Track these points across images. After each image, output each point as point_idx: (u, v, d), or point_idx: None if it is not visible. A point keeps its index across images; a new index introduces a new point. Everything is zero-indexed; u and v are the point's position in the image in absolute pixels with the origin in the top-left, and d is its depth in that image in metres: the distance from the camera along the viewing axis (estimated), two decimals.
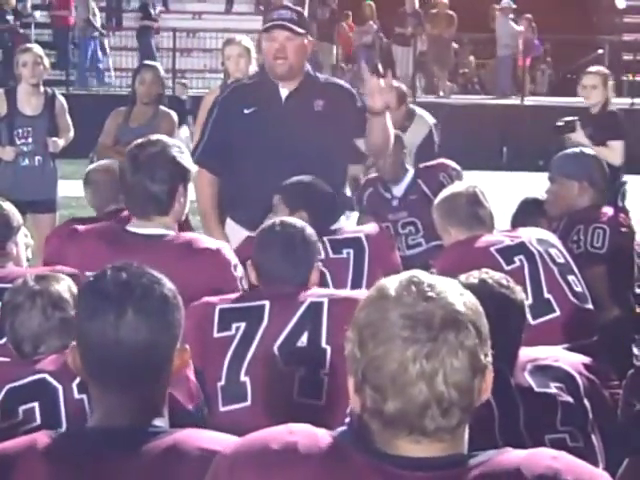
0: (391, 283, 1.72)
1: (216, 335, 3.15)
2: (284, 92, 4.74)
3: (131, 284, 2.02)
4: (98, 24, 19.52)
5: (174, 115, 7.14)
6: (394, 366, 1.66)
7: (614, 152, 7.00)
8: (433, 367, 1.65)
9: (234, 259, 3.46)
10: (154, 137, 3.54)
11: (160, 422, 2.03)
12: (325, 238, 3.87)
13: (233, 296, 3.28)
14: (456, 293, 1.71)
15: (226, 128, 4.74)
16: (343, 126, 4.62)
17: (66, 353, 2.25)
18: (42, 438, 1.99)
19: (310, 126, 4.58)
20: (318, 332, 3.10)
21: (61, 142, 7.33)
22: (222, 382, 3.11)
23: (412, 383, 1.66)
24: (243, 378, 3.10)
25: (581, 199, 4.57)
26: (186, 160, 3.47)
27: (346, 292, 3.39)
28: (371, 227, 4.15)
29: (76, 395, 2.59)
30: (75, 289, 2.86)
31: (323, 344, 3.09)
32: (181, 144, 3.56)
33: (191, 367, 2.71)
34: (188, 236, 3.52)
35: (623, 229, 4.48)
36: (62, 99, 7.47)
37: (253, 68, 6.81)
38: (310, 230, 3.34)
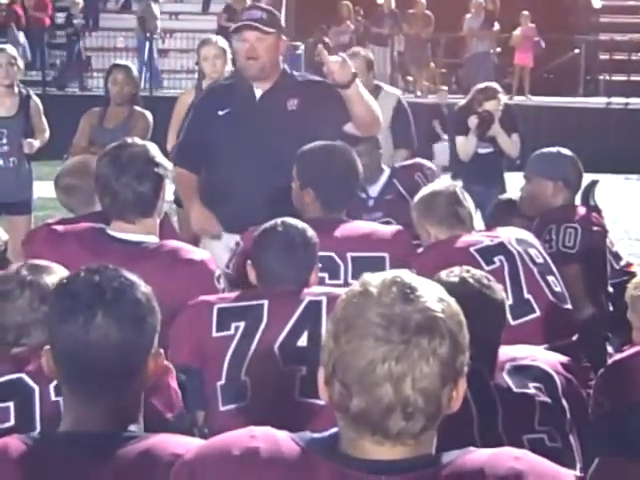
0: (375, 280, 1.71)
1: (215, 335, 3.13)
2: (258, 92, 4.72)
3: (102, 287, 2.00)
4: (159, 27, 19.44)
5: (149, 115, 7.09)
6: (363, 363, 1.65)
7: (514, 143, 7.59)
8: (402, 370, 1.63)
9: (217, 270, 3.44)
10: (129, 139, 3.52)
11: (134, 427, 2.00)
12: (349, 255, 3.75)
13: (231, 295, 3.27)
14: (437, 299, 1.69)
15: (201, 129, 4.74)
16: (324, 120, 4.57)
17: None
18: (15, 443, 1.96)
19: (284, 125, 4.55)
20: (318, 331, 3.08)
21: (36, 143, 7.28)
22: (222, 382, 3.10)
23: (379, 383, 1.64)
24: (243, 378, 3.09)
25: (555, 199, 4.56)
26: (163, 158, 3.47)
27: (345, 290, 3.34)
28: (398, 241, 3.93)
29: (53, 397, 2.53)
30: None
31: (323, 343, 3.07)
32: (153, 144, 3.54)
33: (173, 374, 2.68)
34: (172, 245, 3.48)
35: (595, 228, 4.48)
36: (37, 100, 7.42)
37: (229, 68, 6.78)
38: (311, 232, 3.32)
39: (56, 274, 2.84)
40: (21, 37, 19.62)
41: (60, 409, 2.46)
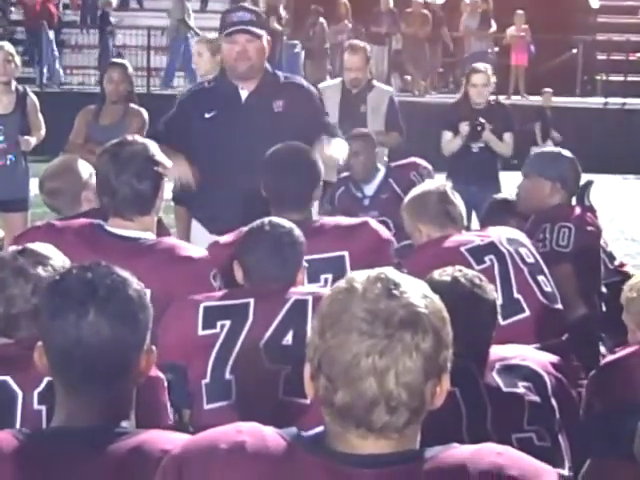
0: (360, 277, 1.73)
1: (201, 333, 3.13)
2: (244, 93, 4.74)
3: (95, 284, 2.00)
4: (192, 25, 19.38)
5: (145, 113, 7.10)
6: (348, 358, 1.67)
7: (507, 144, 7.58)
8: (385, 364, 1.66)
9: (214, 268, 3.44)
10: (128, 137, 3.51)
11: (126, 424, 2.02)
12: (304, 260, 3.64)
13: (218, 294, 3.27)
14: (421, 295, 1.71)
15: (184, 130, 4.70)
16: (304, 125, 4.61)
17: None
18: (6, 437, 1.98)
19: (270, 127, 4.56)
20: (303, 330, 3.06)
21: (33, 140, 7.29)
22: (207, 380, 3.10)
23: (362, 377, 1.66)
24: (228, 376, 3.10)
25: (551, 199, 4.56)
26: (162, 156, 3.47)
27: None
28: (360, 236, 3.85)
29: (35, 405, 2.50)
30: None
31: None
32: (153, 142, 3.54)
33: (164, 387, 2.69)
34: (169, 242, 3.49)
35: (589, 228, 4.49)
36: (34, 97, 7.44)
37: (215, 64, 6.78)
38: (298, 231, 3.33)
39: (53, 265, 2.76)
40: (51, 36, 19.52)
41: (42, 419, 2.44)
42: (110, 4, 19.81)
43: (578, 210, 4.58)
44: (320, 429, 1.79)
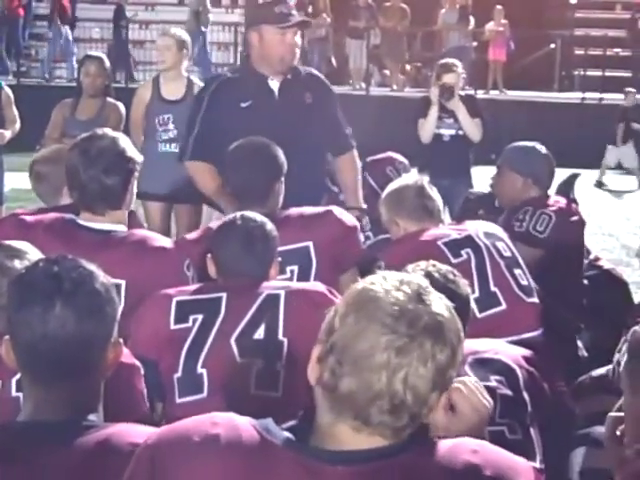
0: (395, 275, 1.75)
1: (173, 327, 3.13)
2: (274, 85, 4.80)
3: (61, 277, 2.00)
4: (211, 19, 19.22)
5: (122, 107, 7.07)
6: (364, 347, 1.67)
7: (477, 125, 7.54)
8: (400, 363, 1.66)
9: (187, 258, 3.46)
10: (99, 130, 3.52)
11: (93, 417, 2.01)
12: None
13: (190, 288, 3.28)
14: (448, 310, 1.74)
15: (219, 122, 4.72)
16: (329, 117, 4.81)
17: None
18: None
19: (303, 118, 4.67)
20: (275, 324, 3.10)
21: (7, 134, 7.28)
22: (179, 374, 3.10)
23: (374, 370, 1.67)
24: (200, 370, 3.10)
25: (524, 194, 4.59)
26: (133, 151, 3.47)
27: (303, 284, 3.39)
28: (324, 225, 3.89)
29: (13, 393, 2.51)
30: None
31: (280, 336, 3.09)
32: (124, 135, 3.54)
33: (140, 375, 2.68)
34: (141, 234, 3.50)
35: (573, 218, 4.51)
36: (8, 90, 7.41)
37: (180, 59, 6.71)
38: (270, 225, 3.33)
39: (29, 260, 2.72)
40: (67, 32, 19.39)
41: (19, 405, 2.44)
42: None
43: (563, 202, 4.60)
44: (293, 423, 1.78)
